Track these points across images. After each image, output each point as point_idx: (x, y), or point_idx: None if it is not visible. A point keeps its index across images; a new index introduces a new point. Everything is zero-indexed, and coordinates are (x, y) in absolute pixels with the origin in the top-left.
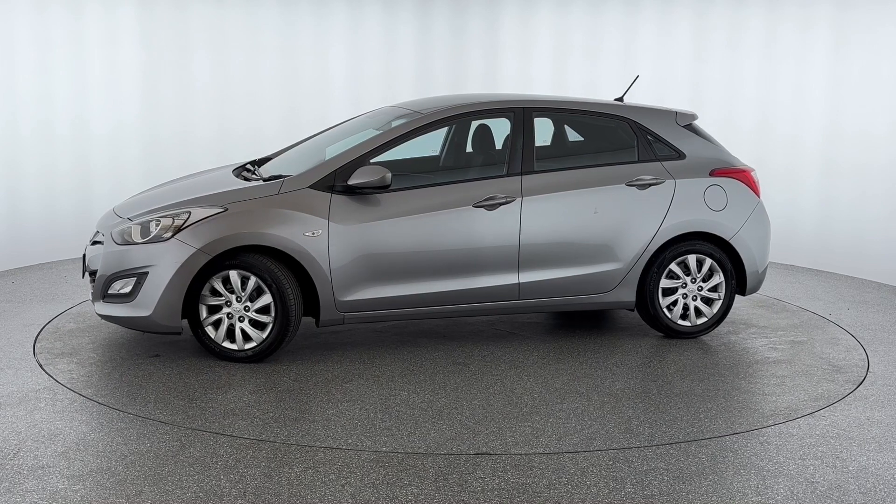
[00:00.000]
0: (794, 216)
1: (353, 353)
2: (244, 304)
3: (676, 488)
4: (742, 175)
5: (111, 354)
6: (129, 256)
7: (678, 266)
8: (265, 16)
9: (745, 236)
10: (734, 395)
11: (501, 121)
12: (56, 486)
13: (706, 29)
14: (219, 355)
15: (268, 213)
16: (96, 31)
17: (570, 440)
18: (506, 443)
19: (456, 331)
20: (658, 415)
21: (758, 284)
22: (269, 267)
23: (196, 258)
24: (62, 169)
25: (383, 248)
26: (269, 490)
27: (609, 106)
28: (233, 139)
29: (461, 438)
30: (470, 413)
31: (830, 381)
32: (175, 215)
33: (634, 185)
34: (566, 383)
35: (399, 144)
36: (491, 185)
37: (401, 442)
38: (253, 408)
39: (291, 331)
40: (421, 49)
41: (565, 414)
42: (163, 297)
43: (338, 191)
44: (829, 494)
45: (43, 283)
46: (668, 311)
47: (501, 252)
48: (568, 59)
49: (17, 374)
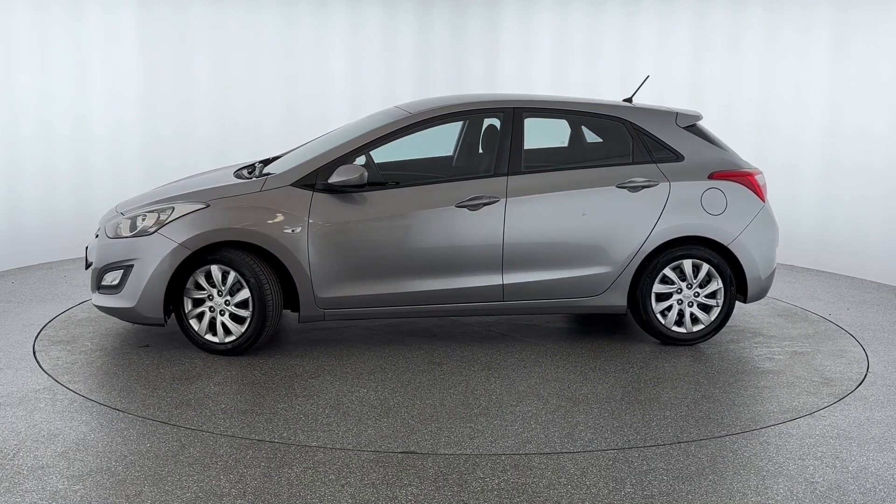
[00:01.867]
0: (794, 216)
1: (335, 350)
2: (225, 298)
3: (676, 488)
4: (744, 178)
5: (111, 355)
6: (117, 249)
7: (673, 271)
8: (265, 16)
9: (747, 241)
10: (702, 405)
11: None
12: (56, 486)
13: (706, 29)
14: (202, 347)
15: (248, 210)
16: (96, 31)
17: (503, 443)
18: (438, 443)
19: (449, 331)
20: (608, 421)
21: (761, 292)
22: (248, 262)
23: (177, 252)
24: (62, 169)
25: (363, 246)
26: (268, 490)
27: (605, 106)
28: (233, 139)
29: (394, 437)
30: (417, 412)
31: (827, 385)
32: (160, 210)
33: (626, 187)
34: (531, 386)
35: (383, 144)
36: (476, 185)
37: (335, 438)
38: (209, 399)
39: (269, 325)
40: (421, 49)
41: (513, 417)
42: (146, 289)
43: (319, 189)
44: (828, 494)
45: (43, 283)
46: (661, 317)
47: (484, 253)
48: (568, 59)
49: (17, 374)
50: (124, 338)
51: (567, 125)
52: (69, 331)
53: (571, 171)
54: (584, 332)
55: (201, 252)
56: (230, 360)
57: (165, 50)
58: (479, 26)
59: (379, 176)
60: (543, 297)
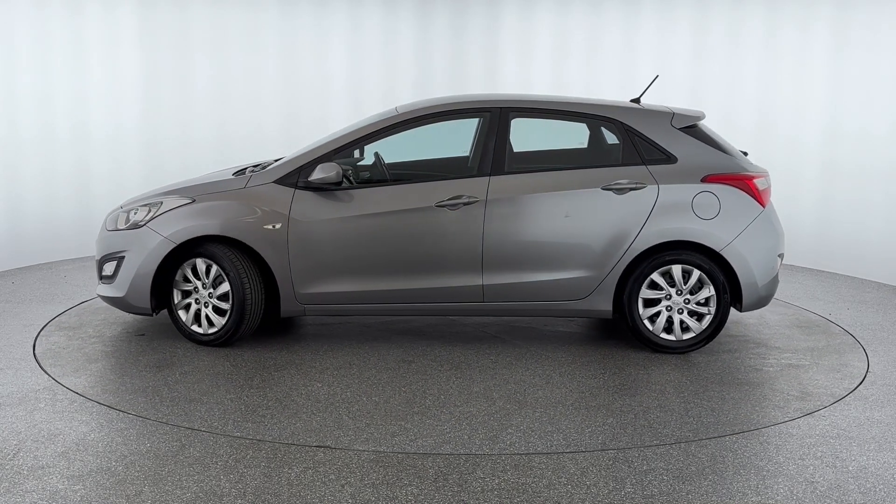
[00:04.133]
0: (794, 216)
1: (316, 344)
2: (208, 290)
3: (676, 488)
4: (740, 181)
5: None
6: (113, 241)
7: (663, 277)
8: (265, 17)
9: (742, 247)
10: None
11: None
12: (56, 486)
13: (706, 29)
14: (188, 337)
15: (231, 206)
16: (97, 33)
17: (422, 442)
18: (355, 439)
19: (442, 331)
20: (545, 425)
21: (759, 300)
22: (229, 256)
23: (163, 245)
24: (62, 170)
25: (342, 243)
26: (268, 490)
27: (596, 106)
28: (233, 141)
29: (318, 431)
30: (356, 408)
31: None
32: (152, 205)
33: (611, 189)
34: (487, 388)
35: (366, 143)
36: (459, 185)
37: (261, 430)
38: (162, 388)
39: (248, 319)
40: (421, 49)
41: (446, 417)
42: (134, 279)
43: (300, 187)
44: (828, 494)
45: (43, 283)
46: (649, 324)
47: (463, 253)
48: (568, 59)
49: (17, 374)
50: (124, 338)
51: (586, 127)
52: (69, 331)
53: (557, 173)
54: (578, 337)
55: (189, 246)
56: (226, 357)
57: (165, 51)
58: (479, 26)
59: (386, 175)
60: (525, 299)
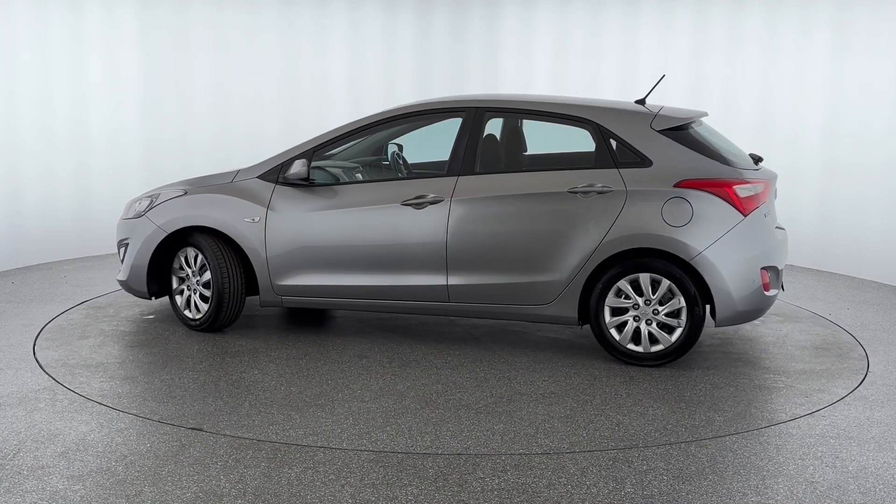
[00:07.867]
0: (794, 216)
1: (287, 334)
2: (196, 278)
3: (676, 488)
4: (717, 188)
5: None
6: (123, 229)
7: (630, 284)
8: (265, 17)
9: (714, 257)
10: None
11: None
12: (56, 486)
13: (706, 28)
14: (182, 321)
15: (216, 199)
16: (96, 33)
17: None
18: (270, 431)
19: (430, 329)
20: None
21: (736, 315)
22: (212, 247)
23: (156, 234)
24: (62, 170)
25: (314, 238)
26: (268, 490)
27: (572, 107)
28: (233, 141)
29: (218, 416)
30: (279, 399)
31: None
32: (154, 196)
33: (577, 192)
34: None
35: (344, 143)
36: (426, 184)
37: (168, 411)
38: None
39: (226, 307)
40: (421, 49)
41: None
42: (133, 264)
43: (280, 182)
44: (828, 494)
45: (43, 283)
46: (616, 333)
47: (428, 252)
48: (568, 59)
49: (17, 374)
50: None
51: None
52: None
53: (526, 174)
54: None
55: (181, 235)
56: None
57: (165, 52)
58: (479, 26)
59: (402, 171)
60: (490, 302)
